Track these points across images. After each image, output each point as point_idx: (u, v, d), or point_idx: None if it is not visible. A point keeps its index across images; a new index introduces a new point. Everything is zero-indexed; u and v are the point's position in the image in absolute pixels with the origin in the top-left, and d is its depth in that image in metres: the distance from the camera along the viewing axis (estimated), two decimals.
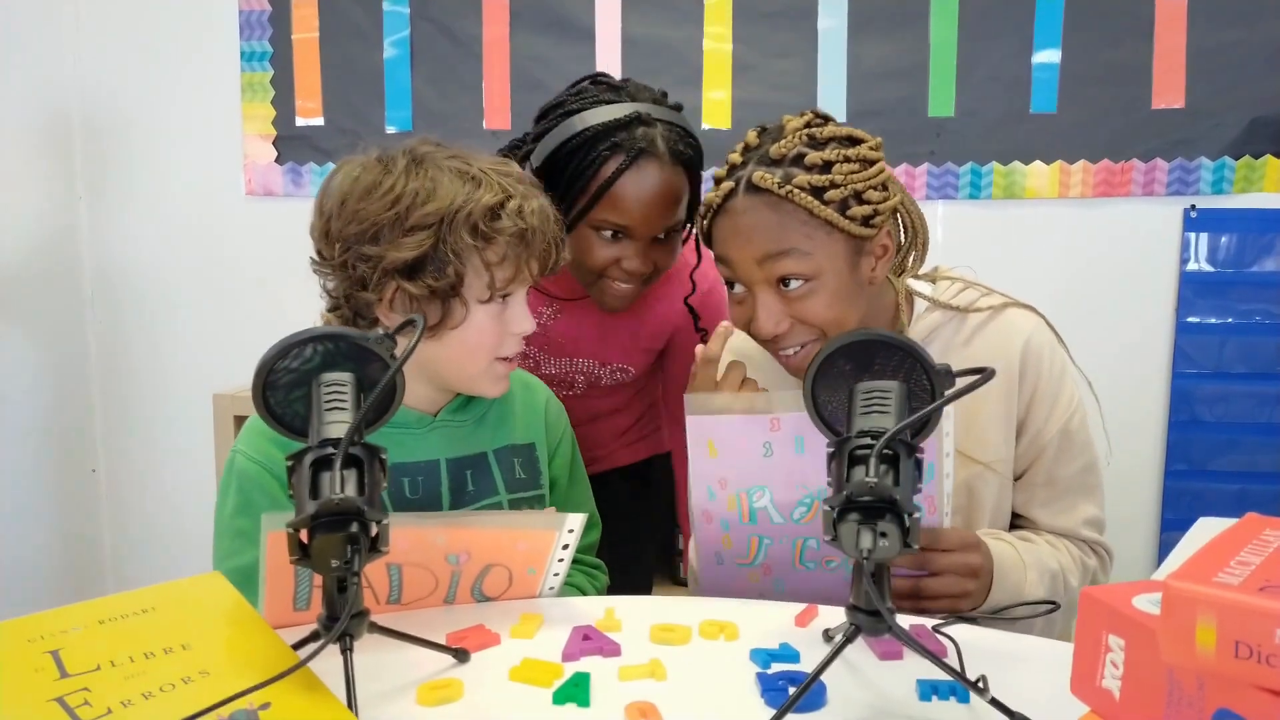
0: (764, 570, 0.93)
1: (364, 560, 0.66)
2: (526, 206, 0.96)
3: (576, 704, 0.70)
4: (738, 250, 1.00)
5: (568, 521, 0.88)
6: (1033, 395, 1.07)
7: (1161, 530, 2.25)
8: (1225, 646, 0.45)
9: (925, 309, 1.11)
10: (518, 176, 0.99)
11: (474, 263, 0.94)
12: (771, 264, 0.98)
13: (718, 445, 0.90)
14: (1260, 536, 0.54)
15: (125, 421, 2.56)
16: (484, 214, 0.93)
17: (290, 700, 0.63)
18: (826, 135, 1.00)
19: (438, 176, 0.94)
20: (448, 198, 0.93)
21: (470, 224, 0.93)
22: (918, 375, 0.76)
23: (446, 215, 0.92)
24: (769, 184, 0.97)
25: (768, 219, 0.97)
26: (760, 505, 0.90)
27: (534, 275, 0.99)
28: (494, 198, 0.94)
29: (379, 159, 0.97)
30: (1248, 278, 2.17)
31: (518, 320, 0.99)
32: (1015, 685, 0.68)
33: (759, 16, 2.25)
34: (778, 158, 0.98)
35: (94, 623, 0.68)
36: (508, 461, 1.08)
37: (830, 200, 0.97)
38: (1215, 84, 2.12)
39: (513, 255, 0.96)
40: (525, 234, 0.95)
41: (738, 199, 0.99)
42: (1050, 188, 2.21)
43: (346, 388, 0.73)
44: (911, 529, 0.65)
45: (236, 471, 0.98)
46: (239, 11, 2.41)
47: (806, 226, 0.97)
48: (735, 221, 0.99)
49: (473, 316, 0.96)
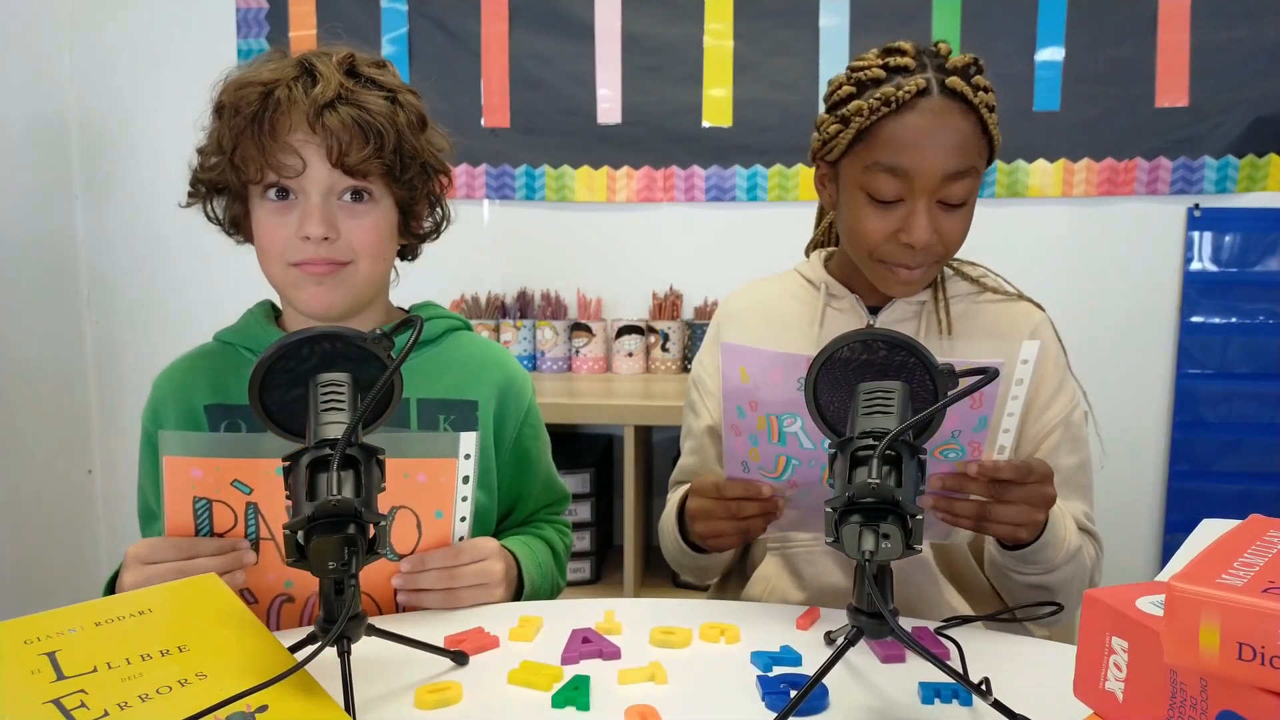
0: (790, 485, 0.91)
1: (361, 562, 0.65)
2: (281, 91, 0.92)
3: (576, 707, 0.70)
4: (931, 157, 0.97)
5: (463, 443, 0.86)
6: (1037, 381, 1.08)
7: (1165, 531, 2.24)
8: (1229, 648, 0.44)
9: (949, 274, 1.14)
10: (336, 70, 0.94)
11: (233, 151, 0.93)
12: (952, 180, 0.98)
13: (750, 373, 0.86)
14: (1264, 538, 0.54)
15: (121, 423, 2.56)
16: (224, 91, 0.93)
17: (288, 703, 0.63)
18: (974, 59, 1.02)
19: (255, 65, 0.95)
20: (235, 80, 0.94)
21: (217, 105, 0.93)
22: (920, 375, 0.75)
23: (224, 94, 0.93)
24: (964, 90, 0.97)
25: (960, 126, 0.98)
26: (791, 430, 0.87)
27: (277, 167, 0.93)
28: (256, 73, 0.93)
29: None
30: (1251, 277, 2.17)
31: (304, 221, 0.94)
32: (1018, 688, 0.68)
33: (760, 14, 2.25)
34: (957, 67, 0.99)
35: (91, 624, 0.68)
36: (431, 415, 1.02)
37: (993, 121, 1.01)
38: (1219, 82, 2.12)
39: (248, 142, 0.92)
40: (256, 115, 0.91)
41: (934, 99, 0.97)
42: (1053, 186, 2.20)
43: (343, 388, 0.73)
44: (914, 530, 0.64)
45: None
46: (236, 9, 2.40)
47: (980, 141, 1.00)
48: (930, 122, 0.97)
49: (258, 211, 0.96)
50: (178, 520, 0.84)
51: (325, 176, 0.94)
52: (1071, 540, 0.97)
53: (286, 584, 0.88)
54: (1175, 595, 0.46)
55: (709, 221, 2.35)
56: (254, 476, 0.85)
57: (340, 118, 0.92)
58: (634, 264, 2.39)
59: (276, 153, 0.92)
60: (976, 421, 0.83)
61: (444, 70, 2.36)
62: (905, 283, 1.05)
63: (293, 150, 0.92)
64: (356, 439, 0.69)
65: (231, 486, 0.84)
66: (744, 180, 2.31)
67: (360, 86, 0.95)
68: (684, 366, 2.31)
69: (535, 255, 2.42)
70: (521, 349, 2.33)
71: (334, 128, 0.92)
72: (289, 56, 0.97)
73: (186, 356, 1.06)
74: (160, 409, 1.02)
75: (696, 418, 1.19)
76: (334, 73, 0.94)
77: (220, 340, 1.06)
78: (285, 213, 0.95)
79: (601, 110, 2.33)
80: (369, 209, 0.98)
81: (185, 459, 0.83)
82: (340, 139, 0.92)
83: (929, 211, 0.99)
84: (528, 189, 2.38)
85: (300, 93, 0.92)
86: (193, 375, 1.03)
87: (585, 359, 2.32)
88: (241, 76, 0.94)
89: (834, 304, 1.13)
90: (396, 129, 0.96)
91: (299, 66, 0.95)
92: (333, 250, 0.95)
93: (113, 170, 2.49)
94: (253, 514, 0.86)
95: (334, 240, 0.95)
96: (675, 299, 2.34)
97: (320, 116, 0.92)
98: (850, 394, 0.75)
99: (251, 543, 0.86)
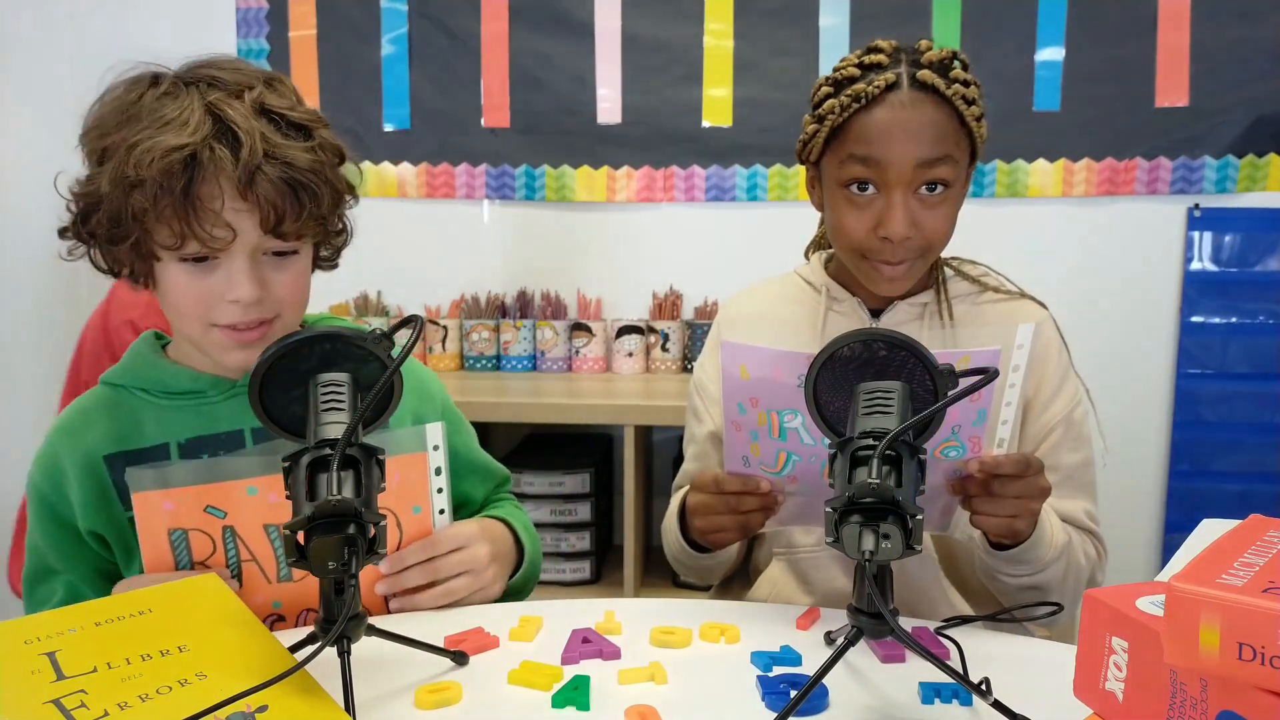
0: (790, 480, 0.92)
1: (361, 562, 0.65)
2: (205, 154, 0.80)
3: (576, 707, 0.70)
4: (901, 147, 0.98)
5: (429, 435, 0.85)
6: (1039, 379, 1.08)
7: (1165, 531, 2.24)
8: (1229, 648, 0.44)
9: (950, 276, 1.13)
10: (252, 115, 0.84)
11: (143, 216, 0.82)
12: (927, 168, 0.99)
13: (750, 371, 0.86)
14: (1264, 538, 0.54)
15: None
16: (129, 157, 0.80)
17: (288, 703, 0.63)
18: (953, 54, 1.03)
19: (136, 108, 0.83)
20: (123, 127, 0.82)
21: (115, 165, 0.81)
22: (920, 375, 0.75)
23: (111, 148, 0.82)
24: (936, 82, 0.98)
25: (933, 117, 0.99)
26: (791, 426, 0.87)
27: (205, 240, 0.82)
28: (161, 139, 0.80)
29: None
30: (1251, 277, 2.17)
31: (231, 285, 0.85)
32: (1018, 688, 0.68)
33: (760, 14, 2.25)
34: (932, 62, 1.00)
35: (91, 624, 0.68)
36: None
37: (972, 114, 1.01)
38: (1219, 82, 2.12)
39: (167, 212, 0.81)
40: (176, 187, 0.80)
41: (903, 93, 0.99)
42: (1053, 186, 2.20)
43: (343, 388, 0.73)
44: (914, 530, 0.64)
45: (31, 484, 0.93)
46: (236, 9, 2.40)
47: (957, 133, 1.01)
48: (901, 115, 0.99)
49: (169, 270, 0.85)
50: (155, 556, 0.82)
51: (254, 241, 0.85)
52: (1058, 536, 0.97)
53: (275, 604, 0.87)
54: (1175, 595, 0.46)
55: (709, 221, 2.35)
56: (226, 500, 0.83)
57: (271, 182, 0.83)
58: (634, 264, 2.39)
59: (203, 224, 0.82)
60: (975, 415, 0.83)
61: (444, 70, 2.36)
62: (891, 279, 1.04)
63: (223, 222, 0.82)
64: (356, 439, 0.69)
65: (205, 513, 0.83)
66: (744, 180, 2.31)
67: (278, 134, 0.85)
68: (684, 366, 2.31)
69: (535, 255, 2.42)
70: (521, 349, 2.33)
71: (266, 194, 0.83)
72: (180, 91, 0.85)
73: (75, 407, 0.96)
74: (57, 466, 0.92)
75: (699, 424, 1.19)
76: (253, 124, 0.83)
77: (109, 384, 0.96)
78: (205, 273, 0.86)
79: (601, 110, 2.33)
80: (293, 261, 0.90)
81: (155, 493, 0.81)
82: (275, 205, 0.83)
83: (905, 204, 0.99)
84: (528, 189, 2.38)
85: (225, 154, 0.81)
86: (86, 426, 0.93)
87: (585, 359, 2.32)
88: (144, 139, 0.81)
89: (836, 306, 1.13)
90: (325, 181, 0.88)
91: (210, 118, 0.83)
92: (261, 310, 0.88)
93: None
94: (230, 538, 0.84)
95: (263, 299, 0.87)
96: (675, 299, 2.34)
97: (252, 183, 0.82)
98: (850, 394, 0.75)
99: (233, 567, 0.85)
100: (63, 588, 0.93)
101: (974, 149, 1.05)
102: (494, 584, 0.94)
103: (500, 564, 0.95)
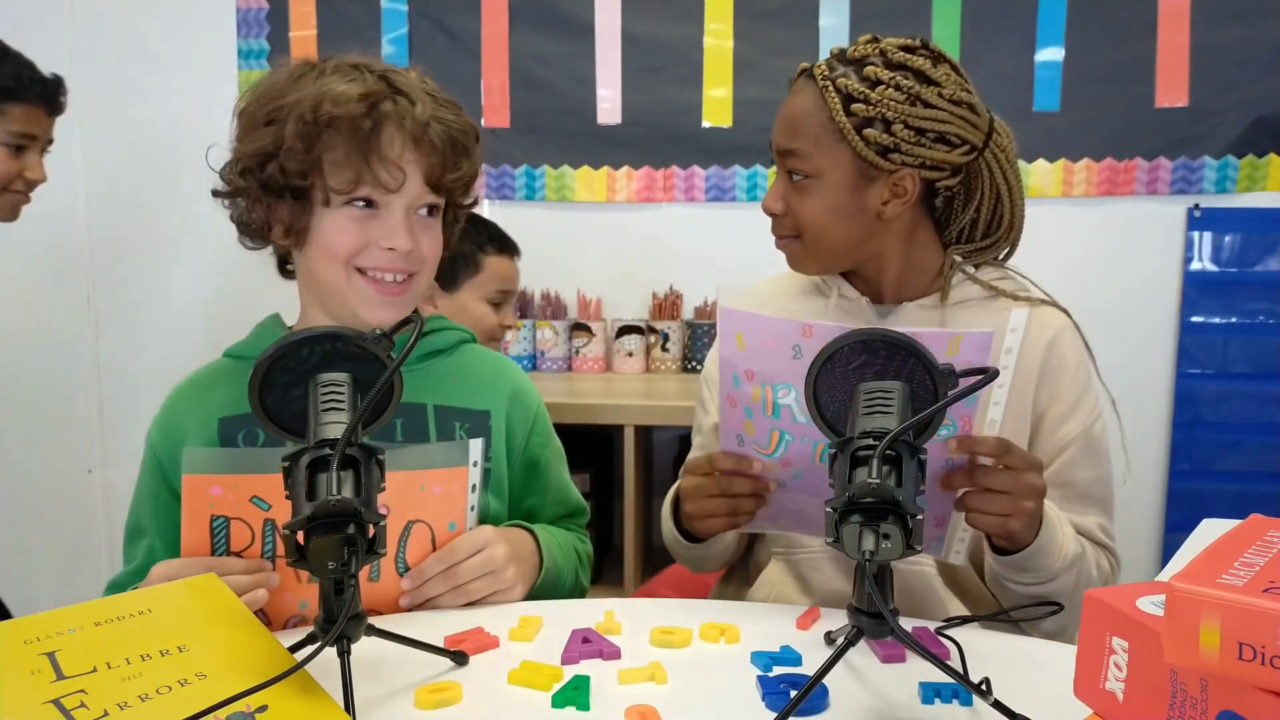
0: (782, 463, 0.91)
1: (361, 562, 0.65)
2: (387, 105, 0.92)
3: (576, 707, 0.70)
4: (776, 129, 1.09)
5: (471, 450, 0.87)
6: (1054, 392, 1.06)
7: (1165, 531, 2.24)
8: (1229, 648, 0.44)
9: (961, 280, 1.11)
10: (418, 84, 0.96)
11: (321, 159, 0.92)
12: (782, 156, 1.08)
13: (746, 340, 0.87)
14: (1264, 537, 0.54)
15: (122, 423, 2.56)
16: (320, 101, 0.90)
17: (288, 703, 0.63)
18: (899, 60, 1.04)
19: (311, 75, 0.94)
20: (299, 89, 0.92)
21: (299, 113, 0.90)
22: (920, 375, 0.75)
23: (290, 105, 0.91)
24: (818, 73, 1.04)
25: (803, 107, 1.05)
26: (785, 402, 0.87)
27: (383, 182, 0.93)
28: (348, 88, 0.91)
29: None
30: (1251, 277, 2.17)
31: (386, 234, 0.95)
32: (1018, 688, 0.68)
33: (760, 14, 2.25)
34: (847, 58, 1.05)
35: (91, 624, 0.68)
36: (448, 423, 1.02)
37: (854, 113, 1.02)
38: (1219, 82, 2.12)
39: (350, 153, 0.92)
40: (362, 129, 0.91)
41: (797, 80, 1.09)
42: (1053, 186, 2.20)
43: (343, 388, 0.73)
44: (914, 530, 0.64)
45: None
46: (237, 9, 2.40)
47: (825, 127, 1.03)
48: (787, 101, 1.09)
49: (329, 217, 0.95)
50: (194, 540, 0.83)
51: (416, 192, 0.96)
52: (1069, 547, 0.95)
53: (301, 605, 0.87)
54: (1175, 595, 0.46)
55: (709, 221, 2.35)
56: (274, 493, 0.83)
57: (439, 137, 0.95)
58: (634, 264, 2.38)
59: (379, 167, 0.93)
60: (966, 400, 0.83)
61: (444, 70, 2.35)
62: (790, 261, 1.12)
63: (396, 166, 0.93)
64: (356, 439, 0.69)
65: (250, 503, 0.83)
66: (744, 180, 2.31)
67: (436, 104, 0.98)
68: (684, 366, 2.31)
69: (535, 255, 2.41)
70: (521, 349, 2.33)
71: (435, 147, 0.95)
72: (345, 68, 0.96)
73: (200, 373, 1.05)
74: (175, 424, 1.00)
75: (705, 414, 1.20)
76: (418, 89, 0.96)
77: (232, 356, 1.04)
78: (367, 221, 0.95)
79: (601, 110, 2.33)
80: (435, 223, 1.01)
81: (205, 477, 0.81)
82: (443, 158, 0.95)
83: (779, 184, 1.10)
84: (528, 189, 2.38)
85: (406, 106, 0.94)
86: (208, 390, 1.01)
87: (585, 359, 2.32)
88: (322, 89, 0.92)
89: (843, 305, 1.12)
90: (475, 144, 1.00)
91: (383, 81, 0.95)
92: (408, 261, 0.97)
93: (114, 170, 2.49)
94: (269, 531, 0.85)
95: (412, 252, 0.97)
96: (675, 299, 2.34)
97: (424, 135, 0.94)
98: (850, 394, 0.75)
99: (269, 561, 0.85)
100: (143, 552, 0.97)
101: (854, 145, 1.02)
102: (515, 585, 0.93)
103: (520, 565, 0.94)
